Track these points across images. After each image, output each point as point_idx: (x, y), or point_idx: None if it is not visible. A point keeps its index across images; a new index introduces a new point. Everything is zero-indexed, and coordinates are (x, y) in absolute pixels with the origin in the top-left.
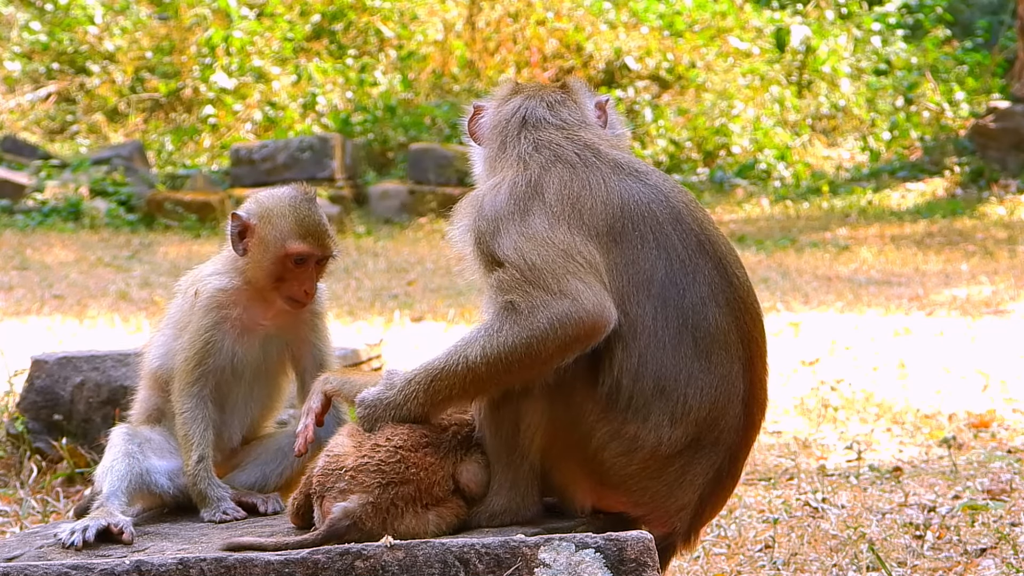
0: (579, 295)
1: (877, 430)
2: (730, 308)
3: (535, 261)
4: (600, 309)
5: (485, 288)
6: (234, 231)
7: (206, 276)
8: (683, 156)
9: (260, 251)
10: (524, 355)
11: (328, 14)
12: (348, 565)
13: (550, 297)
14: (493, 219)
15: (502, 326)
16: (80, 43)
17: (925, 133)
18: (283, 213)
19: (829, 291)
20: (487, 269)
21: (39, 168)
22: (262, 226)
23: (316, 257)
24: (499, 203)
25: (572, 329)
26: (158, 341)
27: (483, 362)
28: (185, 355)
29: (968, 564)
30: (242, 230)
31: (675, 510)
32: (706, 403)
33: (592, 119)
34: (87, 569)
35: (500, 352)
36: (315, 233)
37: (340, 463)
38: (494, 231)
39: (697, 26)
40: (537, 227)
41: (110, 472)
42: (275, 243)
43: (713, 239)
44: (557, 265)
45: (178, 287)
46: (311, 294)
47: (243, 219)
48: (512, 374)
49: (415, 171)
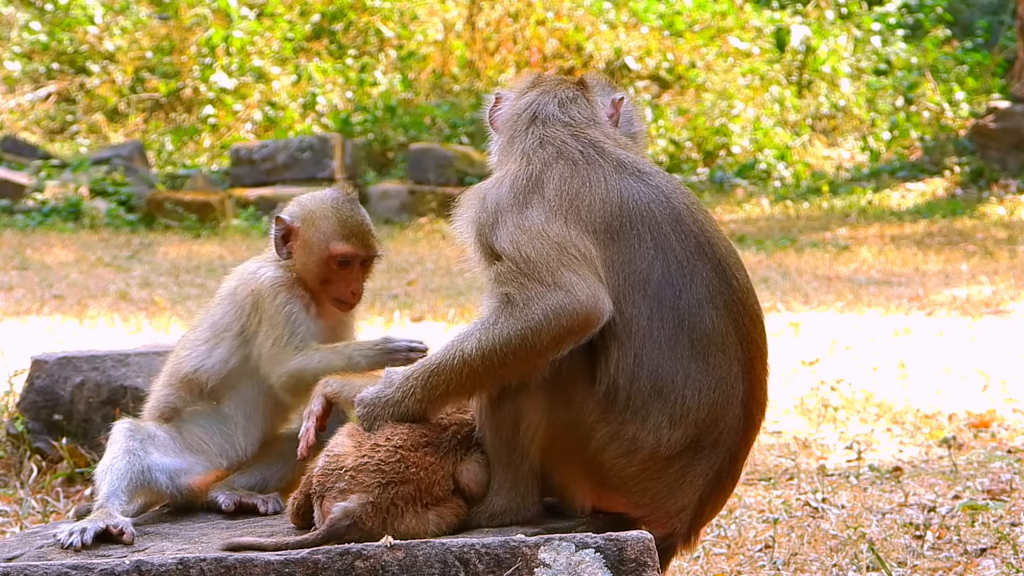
0: (573, 287)
1: (877, 430)
2: (728, 310)
3: (530, 254)
4: (594, 300)
5: (485, 282)
6: (278, 235)
7: (252, 272)
8: (683, 156)
9: (305, 254)
10: (519, 347)
11: (328, 14)
12: (348, 565)
13: (545, 289)
14: (494, 211)
15: (497, 319)
16: (80, 43)
17: (925, 133)
18: (326, 215)
19: (829, 291)
20: (487, 262)
21: (39, 168)
22: (306, 228)
23: (361, 258)
24: (500, 196)
25: (567, 320)
26: (194, 344)
27: (479, 355)
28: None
29: (968, 564)
30: (286, 233)
31: (675, 511)
32: (705, 404)
33: (603, 117)
34: (87, 569)
35: (495, 344)
36: (359, 234)
37: (340, 463)
38: (493, 223)
39: (697, 26)
40: (534, 220)
41: (110, 471)
42: (319, 245)
43: (713, 241)
44: (551, 258)
45: (222, 290)
46: (358, 295)
47: (287, 222)
48: (508, 367)
49: (415, 171)
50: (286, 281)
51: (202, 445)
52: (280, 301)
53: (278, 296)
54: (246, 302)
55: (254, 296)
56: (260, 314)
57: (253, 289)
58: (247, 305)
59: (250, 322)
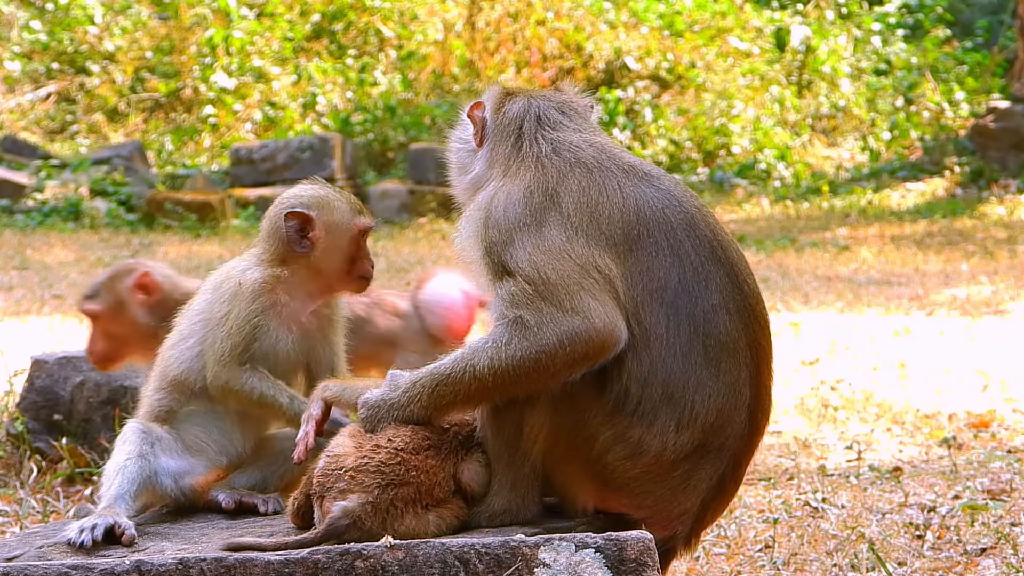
0: (590, 313)
1: (877, 430)
2: (740, 316)
3: (549, 275)
4: (611, 328)
5: (493, 296)
6: (293, 229)
7: (242, 270)
8: (683, 156)
9: (332, 238)
10: (532, 369)
11: (328, 14)
12: (348, 565)
13: (561, 313)
14: (506, 229)
15: (511, 339)
16: (80, 43)
17: (925, 133)
18: (335, 197)
19: (829, 291)
20: (496, 277)
21: (39, 168)
22: (326, 214)
23: (371, 228)
24: (513, 213)
25: (581, 347)
26: (180, 346)
27: (490, 373)
28: (231, 340)
29: (968, 564)
30: (303, 225)
31: (677, 514)
32: (713, 409)
33: (595, 122)
34: (87, 569)
35: (508, 364)
36: (363, 208)
37: (340, 463)
38: (507, 241)
39: (697, 26)
40: (554, 240)
41: (121, 473)
42: (346, 224)
43: (725, 246)
44: (572, 281)
45: (206, 284)
46: (374, 266)
47: (304, 213)
48: (518, 386)
49: (415, 171)
50: (272, 285)
51: (201, 445)
52: (255, 307)
53: (255, 302)
54: (227, 294)
55: (234, 291)
56: (231, 309)
57: (238, 283)
58: (226, 296)
59: (221, 310)
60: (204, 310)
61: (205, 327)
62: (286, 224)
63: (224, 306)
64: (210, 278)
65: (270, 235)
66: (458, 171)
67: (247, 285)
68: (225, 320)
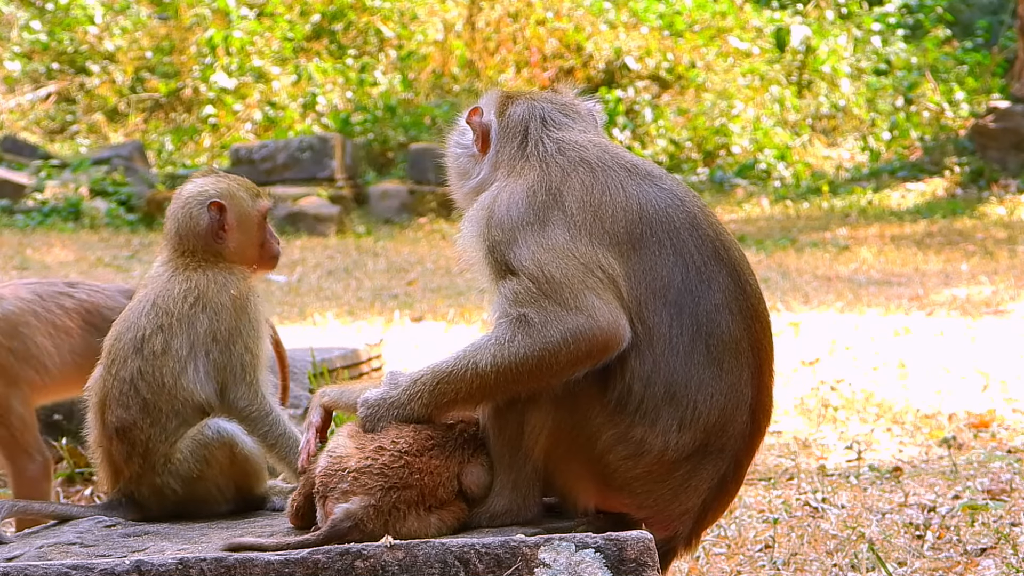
0: (595, 311)
1: (877, 430)
2: (743, 316)
3: (553, 273)
4: (615, 327)
5: (495, 295)
6: (215, 219)
7: (208, 281)
8: (683, 156)
9: (244, 224)
10: (535, 366)
11: (328, 14)
12: (348, 565)
13: (565, 311)
14: (509, 228)
15: (514, 336)
16: (80, 43)
17: (925, 133)
18: (235, 183)
19: (829, 291)
20: (499, 276)
21: (39, 168)
22: (236, 202)
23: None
24: (516, 212)
25: (585, 345)
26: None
27: (492, 370)
28: (256, 352)
29: (968, 564)
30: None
31: (678, 514)
32: (715, 410)
33: (597, 124)
34: (87, 569)
35: (511, 362)
36: (259, 190)
37: (343, 464)
38: (510, 240)
39: (697, 26)
40: (557, 238)
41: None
42: (252, 209)
43: (728, 245)
44: (576, 279)
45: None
46: (280, 243)
47: (221, 202)
48: (520, 384)
49: (415, 171)
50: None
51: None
52: (263, 310)
53: (258, 303)
54: (224, 309)
55: (233, 303)
56: (239, 321)
57: (234, 294)
58: (224, 311)
59: (223, 324)
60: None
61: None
62: (210, 215)
63: (229, 321)
64: (176, 304)
65: (185, 233)
66: (458, 176)
67: (243, 292)
68: (239, 331)
